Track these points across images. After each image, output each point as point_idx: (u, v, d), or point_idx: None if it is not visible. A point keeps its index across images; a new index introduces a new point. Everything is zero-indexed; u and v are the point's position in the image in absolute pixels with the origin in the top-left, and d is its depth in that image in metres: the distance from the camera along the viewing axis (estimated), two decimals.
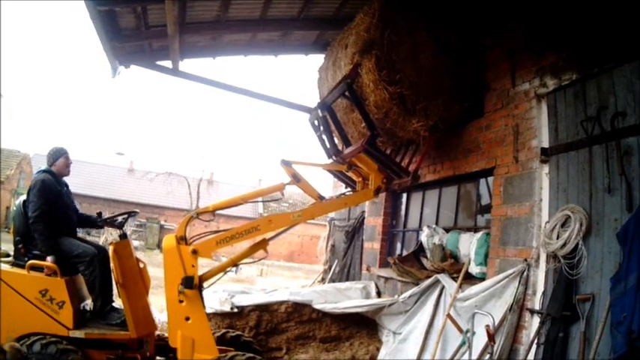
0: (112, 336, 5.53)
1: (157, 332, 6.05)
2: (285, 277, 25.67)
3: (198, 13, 8.02)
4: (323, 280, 12.92)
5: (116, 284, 5.67)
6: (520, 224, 5.87)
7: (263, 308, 8.14)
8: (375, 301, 8.37)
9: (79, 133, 68.72)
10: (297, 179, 5.57)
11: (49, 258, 5.43)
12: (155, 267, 10.25)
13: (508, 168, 6.19)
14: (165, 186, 37.56)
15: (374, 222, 10.08)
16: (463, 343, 5.98)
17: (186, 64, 9.48)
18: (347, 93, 6.05)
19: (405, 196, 9.60)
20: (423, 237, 7.86)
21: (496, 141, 6.50)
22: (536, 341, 5.24)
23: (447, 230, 7.66)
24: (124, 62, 8.80)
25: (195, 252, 5.13)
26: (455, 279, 6.77)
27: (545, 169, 5.65)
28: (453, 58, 6.89)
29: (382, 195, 9.74)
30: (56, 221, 5.65)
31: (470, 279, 6.67)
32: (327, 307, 8.23)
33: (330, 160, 6.62)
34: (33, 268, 5.43)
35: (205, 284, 5.36)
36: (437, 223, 8.10)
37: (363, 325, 8.30)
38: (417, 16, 6.74)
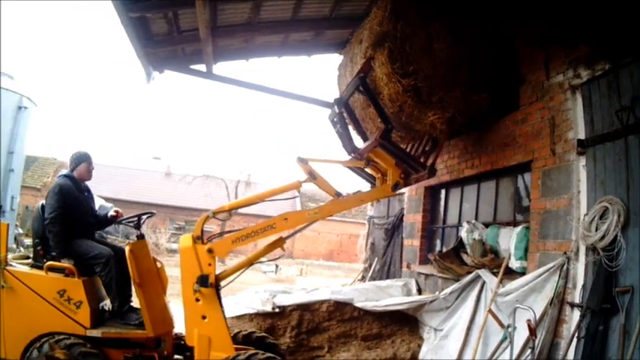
0: (129, 335, 5.62)
1: (175, 331, 6.12)
2: (325, 276, 25.73)
3: (230, 16, 8.11)
4: (363, 278, 12.95)
5: (133, 284, 5.75)
6: (559, 217, 5.81)
7: (304, 307, 8.25)
8: (415, 298, 8.39)
9: (115, 139, 69.92)
10: (313, 176, 5.55)
11: (64, 261, 5.54)
12: None
13: (545, 161, 6.14)
14: (203, 189, 37.90)
15: (413, 219, 10.08)
16: (504, 339, 5.97)
17: (220, 67, 9.65)
18: (361, 88, 6.07)
19: (443, 192, 9.57)
20: (463, 232, 7.84)
21: (532, 134, 6.45)
22: (576, 335, 5.19)
23: (487, 225, 7.62)
24: (157, 67, 8.94)
25: (210, 251, 5.26)
26: (495, 274, 6.74)
27: (582, 161, 5.57)
28: (469, 48, 6.70)
29: (421, 191, 9.76)
30: (73, 224, 5.78)
31: (510, 274, 6.62)
32: (368, 305, 8.28)
33: (349, 157, 6.62)
34: (51, 269, 5.56)
35: (223, 283, 5.46)
36: (476, 219, 8.06)
37: (405, 323, 8.32)
38: (431, 8, 6.60)
